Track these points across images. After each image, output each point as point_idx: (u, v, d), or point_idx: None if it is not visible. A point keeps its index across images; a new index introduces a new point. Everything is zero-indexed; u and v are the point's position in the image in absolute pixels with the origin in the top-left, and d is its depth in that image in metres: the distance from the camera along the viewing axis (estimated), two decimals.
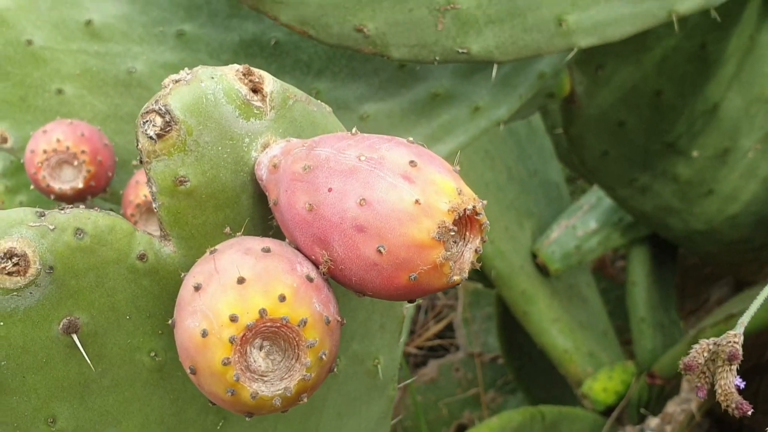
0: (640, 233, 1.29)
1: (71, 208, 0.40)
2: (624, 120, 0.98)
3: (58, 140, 0.63)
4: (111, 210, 0.81)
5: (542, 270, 1.26)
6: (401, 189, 0.35)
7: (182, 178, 0.40)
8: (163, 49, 0.70)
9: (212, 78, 0.40)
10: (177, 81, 0.40)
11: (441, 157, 0.38)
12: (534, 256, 1.27)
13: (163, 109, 0.39)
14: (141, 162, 0.40)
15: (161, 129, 0.39)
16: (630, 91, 0.93)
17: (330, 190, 0.36)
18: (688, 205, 1.11)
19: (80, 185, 0.64)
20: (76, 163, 0.64)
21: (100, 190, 0.67)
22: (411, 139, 0.38)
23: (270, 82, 0.42)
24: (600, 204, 1.28)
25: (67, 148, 0.63)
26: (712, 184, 1.07)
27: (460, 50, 0.63)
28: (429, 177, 0.35)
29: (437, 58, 0.64)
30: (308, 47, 0.72)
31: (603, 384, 1.22)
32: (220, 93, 0.40)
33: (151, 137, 0.39)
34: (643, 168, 1.06)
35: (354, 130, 0.40)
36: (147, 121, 0.39)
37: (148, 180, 0.41)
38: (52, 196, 0.65)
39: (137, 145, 0.40)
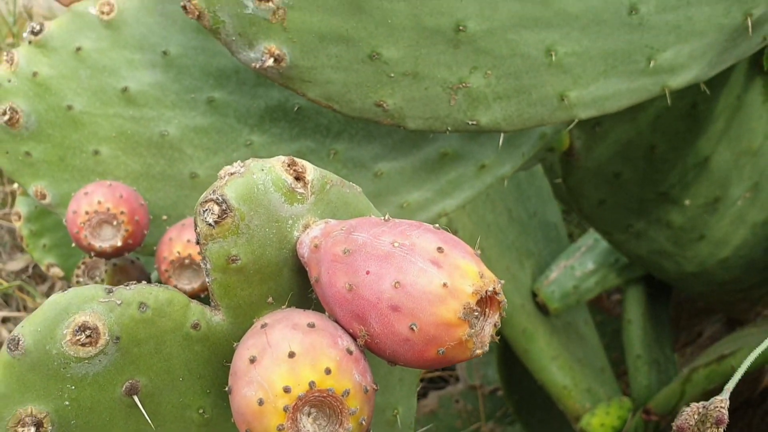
0: (636, 274, 1.35)
1: (135, 284, 0.45)
2: (620, 172, 1.04)
3: (99, 202, 0.69)
4: (138, 259, 0.86)
5: (542, 309, 1.31)
6: (431, 273, 0.40)
7: (234, 257, 0.45)
8: (194, 114, 0.76)
9: (262, 170, 0.46)
10: (232, 173, 0.45)
11: (464, 242, 0.43)
12: (534, 295, 1.32)
13: (220, 198, 0.44)
14: (197, 242, 0.45)
15: (218, 216, 0.44)
16: (626, 145, 0.99)
17: (368, 272, 0.41)
18: (681, 250, 1.17)
19: (119, 243, 0.69)
20: (115, 222, 0.69)
21: (135, 247, 0.72)
22: (437, 225, 0.44)
23: (311, 171, 0.47)
24: (597, 245, 1.34)
25: (108, 209, 0.69)
26: (704, 230, 1.13)
27: (471, 122, 0.69)
28: (454, 262, 0.41)
29: (449, 128, 0.70)
30: (328, 113, 0.78)
31: (600, 419, 1.26)
32: (269, 183, 0.46)
33: (209, 224, 0.44)
34: (638, 215, 1.11)
35: (387, 216, 0.45)
36: (206, 209, 0.44)
37: (203, 258, 0.46)
38: (92, 253, 0.70)
39: (195, 228, 0.45)
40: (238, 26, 0.60)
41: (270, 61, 0.62)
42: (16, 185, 0.93)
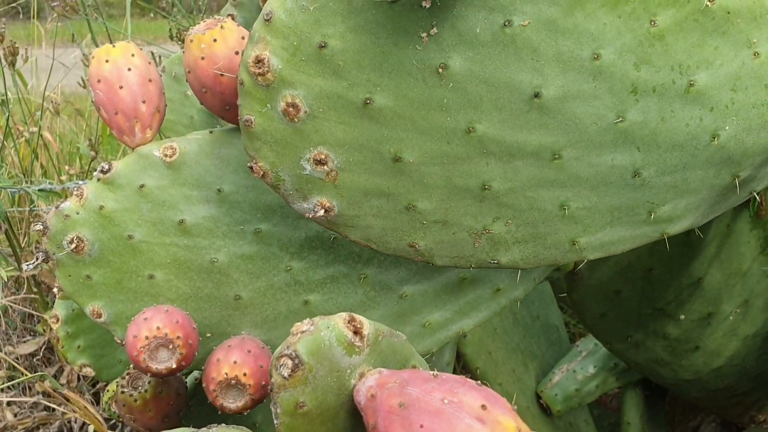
0: (634, 377, 1.42)
1: (216, 426, 0.52)
2: (620, 290, 1.13)
3: (158, 327, 0.76)
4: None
5: (546, 410, 1.37)
6: (476, 429, 0.48)
7: (302, 404, 0.53)
8: (242, 243, 0.84)
9: (328, 327, 0.54)
10: (303, 331, 0.53)
11: (502, 398, 0.51)
12: (538, 397, 1.38)
13: (293, 354, 0.52)
14: (271, 391, 0.53)
15: (291, 370, 0.52)
16: (625, 267, 1.09)
17: (422, 426, 0.49)
18: (677, 359, 1.24)
19: (173, 366, 0.76)
20: (171, 346, 0.76)
21: (187, 367, 0.79)
22: (479, 381, 0.51)
23: (367, 326, 0.55)
24: (597, 350, 1.42)
25: (165, 334, 0.76)
26: (698, 342, 1.20)
27: (492, 261, 0.77)
28: (496, 418, 0.48)
29: (472, 265, 0.78)
30: None
31: None
32: (333, 338, 0.54)
33: (284, 376, 0.52)
34: (637, 327, 1.19)
35: (435, 371, 0.53)
36: (282, 364, 0.52)
37: (274, 402, 0.53)
38: (149, 374, 0.77)
39: (270, 377, 0.53)
40: (296, 183, 0.70)
41: (321, 212, 0.71)
42: (55, 288, 1.00)
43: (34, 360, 2.11)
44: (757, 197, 0.79)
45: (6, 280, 2.21)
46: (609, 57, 0.65)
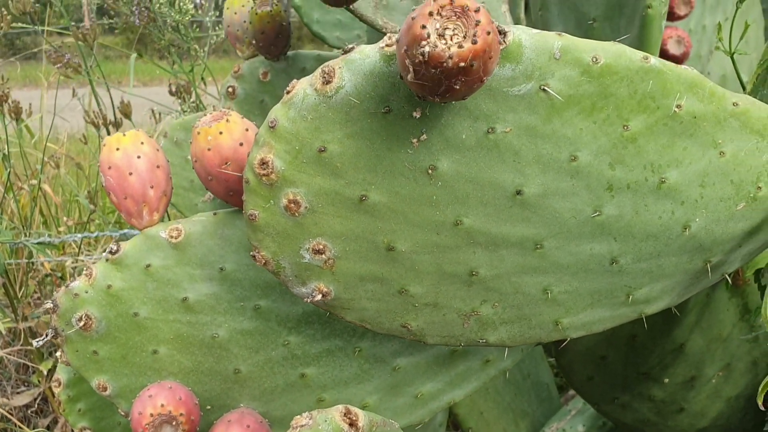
0: None
1: None
2: (606, 355, 1.17)
3: (162, 405, 0.80)
4: None
5: None
6: None
7: None
8: (242, 319, 0.88)
9: (325, 421, 0.58)
10: (302, 425, 0.57)
11: None
12: None
13: None
14: None
15: None
16: (610, 334, 1.13)
17: None
18: (663, 419, 1.28)
19: None
20: (174, 423, 0.80)
21: None
22: None
23: (362, 418, 0.59)
24: (586, 409, 1.45)
25: (169, 411, 0.80)
26: (683, 404, 1.24)
27: (480, 340, 0.82)
28: None
29: (462, 344, 0.83)
30: None
31: None
32: None
33: None
34: (623, 390, 1.23)
35: None
36: None
37: None
38: None
39: None
40: (296, 270, 0.74)
41: (319, 297, 0.75)
42: (58, 353, 1.04)
43: (29, 411, 2.12)
44: (729, 278, 0.84)
45: (3, 332, 2.24)
46: (585, 158, 0.71)
